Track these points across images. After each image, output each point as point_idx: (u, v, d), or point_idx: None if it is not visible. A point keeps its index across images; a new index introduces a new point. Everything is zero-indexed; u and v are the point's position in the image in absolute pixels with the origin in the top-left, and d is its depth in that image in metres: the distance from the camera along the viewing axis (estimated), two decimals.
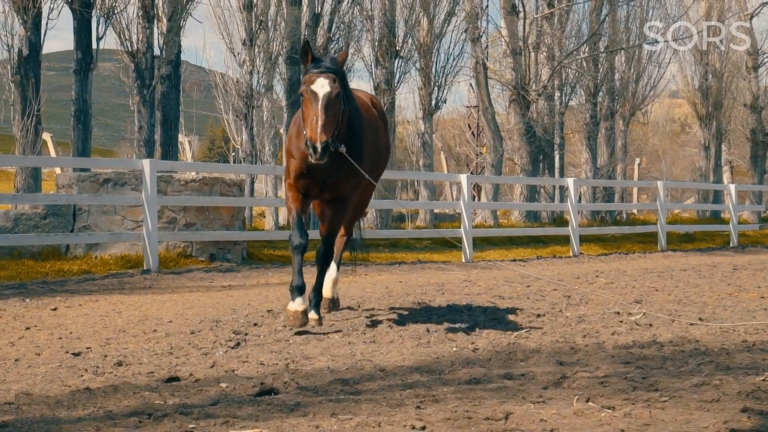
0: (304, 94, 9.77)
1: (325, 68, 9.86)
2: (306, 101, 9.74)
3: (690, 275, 18.49)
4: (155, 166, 18.55)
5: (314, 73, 9.82)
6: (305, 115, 9.72)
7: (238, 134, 33.91)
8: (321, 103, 9.63)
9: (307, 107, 9.71)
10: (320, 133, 9.46)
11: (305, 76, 9.90)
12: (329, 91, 9.72)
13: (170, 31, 27.76)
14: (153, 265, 18.03)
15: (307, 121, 9.63)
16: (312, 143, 9.46)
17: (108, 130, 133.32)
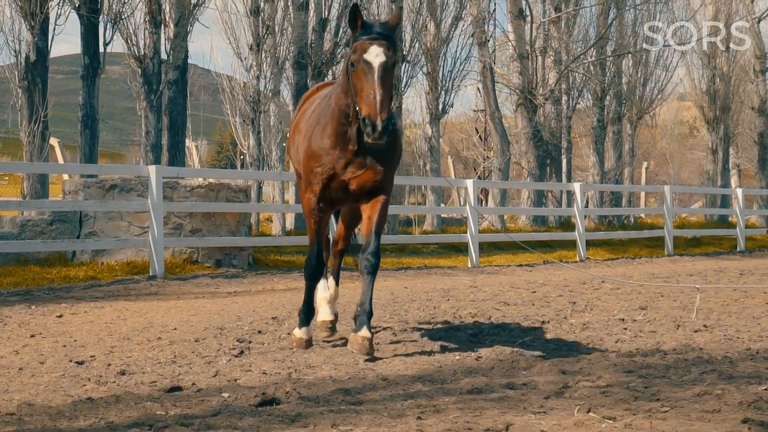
0: (357, 64, 8.63)
1: (377, 34, 8.73)
2: (358, 73, 8.60)
3: (696, 280, 18.46)
4: (161, 173, 18.56)
5: (366, 39, 8.69)
6: (358, 88, 8.60)
7: (245, 139, 33.92)
8: (377, 74, 8.58)
9: (359, 79, 8.59)
10: (380, 110, 8.39)
11: (355, 44, 8.75)
12: (385, 61, 8.65)
13: (177, 36, 27.82)
14: (159, 271, 18.05)
15: (362, 95, 8.53)
16: (371, 120, 8.35)
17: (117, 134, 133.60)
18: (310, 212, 9.54)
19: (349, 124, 8.99)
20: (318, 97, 10.25)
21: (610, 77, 41.46)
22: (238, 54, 33.20)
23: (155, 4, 27.15)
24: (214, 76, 37.26)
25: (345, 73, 8.89)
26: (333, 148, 9.17)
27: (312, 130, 9.51)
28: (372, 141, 8.45)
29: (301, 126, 10.07)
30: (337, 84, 9.32)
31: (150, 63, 27.21)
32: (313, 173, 9.35)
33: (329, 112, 9.25)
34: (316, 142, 9.34)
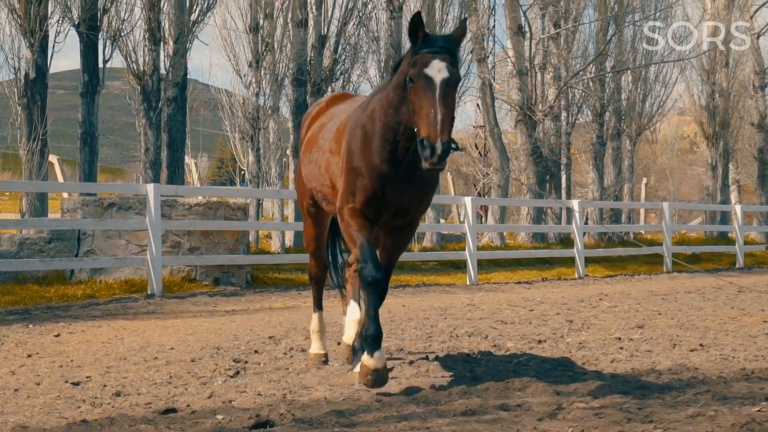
0: (416, 80, 7.82)
1: (439, 48, 7.93)
2: (417, 89, 7.82)
3: (694, 298, 18.49)
4: (159, 191, 18.59)
5: (427, 53, 7.90)
6: (416, 105, 7.80)
7: (244, 155, 33.93)
8: (439, 91, 7.76)
9: (418, 96, 7.79)
10: (441, 131, 7.57)
11: (415, 57, 7.95)
12: (448, 77, 7.83)
13: (176, 54, 27.86)
14: (157, 289, 18.06)
15: (421, 114, 7.73)
16: (431, 143, 7.53)
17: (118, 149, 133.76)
18: (349, 222, 8.56)
19: (396, 142, 8.29)
20: (338, 111, 9.59)
21: (609, 93, 41.47)
22: (237, 71, 33.23)
23: (154, 21, 27.19)
24: (213, 92, 37.32)
25: (396, 88, 8.16)
26: (378, 165, 8.39)
27: (350, 145, 8.64)
28: (429, 166, 7.58)
29: (321, 142, 9.42)
30: (381, 97, 8.46)
31: (149, 80, 27.23)
32: (356, 186, 8.50)
33: (374, 127, 8.41)
34: (358, 156, 8.51)
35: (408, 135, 8.15)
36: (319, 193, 9.50)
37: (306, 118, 10.46)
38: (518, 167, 37.67)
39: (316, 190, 9.58)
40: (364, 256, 8.44)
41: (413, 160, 8.18)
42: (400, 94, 8.12)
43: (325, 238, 10.42)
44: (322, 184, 9.34)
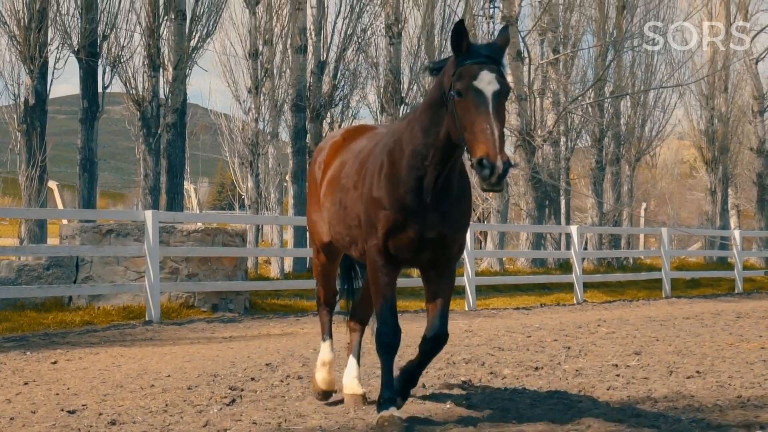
0: (464, 94, 7.20)
1: (486, 58, 7.34)
2: (467, 104, 7.19)
3: (692, 324, 18.47)
4: (157, 218, 18.62)
5: (474, 64, 7.29)
6: (466, 122, 7.17)
7: (243, 181, 34.00)
8: (492, 105, 7.16)
9: (468, 112, 7.16)
10: (501, 148, 6.98)
11: (460, 69, 7.31)
12: (499, 89, 7.23)
13: (176, 80, 27.93)
14: (155, 316, 18.07)
15: (474, 131, 7.10)
16: (490, 162, 6.90)
17: (119, 174, 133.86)
18: (375, 266, 8.00)
19: (424, 168, 7.68)
20: (360, 146, 8.83)
21: (608, 118, 41.55)
22: (236, 97, 33.40)
23: (154, 47, 27.28)
24: (213, 117, 37.42)
25: (430, 107, 7.64)
26: (405, 194, 7.76)
27: (373, 176, 8.02)
28: (488, 187, 6.98)
29: (345, 181, 8.63)
30: (410, 120, 7.94)
31: (149, 106, 27.31)
32: (379, 217, 7.89)
33: (401, 154, 7.82)
34: (384, 185, 7.88)
35: (439, 159, 7.64)
36: (345, 237, 8.68)
37: (319, 153, 9.62)
38: (517, 192, 37.72)
39: (339, 233, 8.79)
40: (385, 316, 8.00)
41: (444, 186, 7.78)
42: (432, 115, 7.61)
43: (336, 271, 9.85)
44: (349, 226, 8.54)
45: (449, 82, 7.37)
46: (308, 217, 9.76)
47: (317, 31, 32.27)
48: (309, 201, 9.78)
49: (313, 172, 9.61)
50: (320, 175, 9.33)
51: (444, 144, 7.57)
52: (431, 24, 33.23)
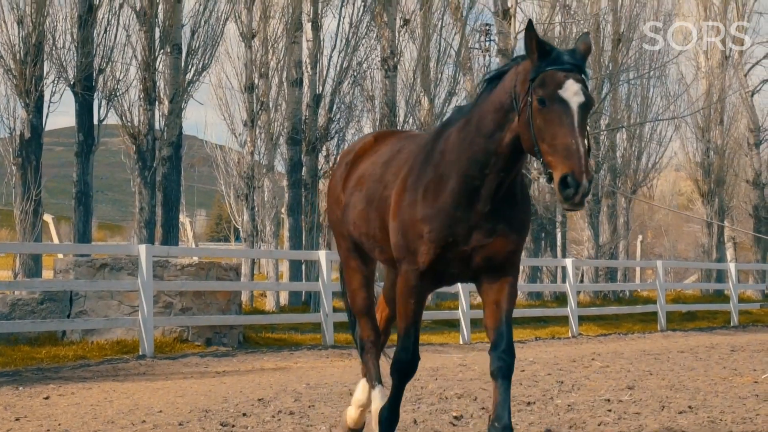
0: (548, 103, 6.70)
1: (571, 65, 6.81)
2: (550, 114, 6.69)
3: (687, 357, 18.49)
4: (151, 252, 18.64)
5: (558, 70, 6.77)
6: (547, 134, 6.68)
7: (239, 214, 34.05)
8: (578, 119, 6.67)
9: (551, 123, 6.67)
10: (586, 166, 6.51)
11: (543, 74, 6.78)
12: (585, 102, 6.74)
13: (171, 113, 28.00)
14: (148, 350, 18.04)
15: (555, 144, 6.62)
16: (576, 180, 6.44)
17: (117, 206, 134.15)
18: (409, 290, 7.47)
19: (483, 177, 7.13)
20: (394, 147, 8.35)
21: (604, 151, 41.60)
22: (232, 130, 33.49)
23: (150, 81, 27.35)
24: (208, 150, 37.51)
25: (497, 110, 7.10)
26: (455, 208, 7.20)
27: (413, 186, 7.46)
28: (569, 206, 6.54)
29: (374, 181, 8.19)
30: (466, 123, 7.37)
31: (144, 139, 27.34)
32: (421, 240, 7.28)
33: (452, 162, 7.28)
34: (427, 200, 7.31)
35: (501, 166, 7.11)
36: (370, 238, 8.25)
37: (347, 155, 9.11)
38: None
39: (364, 234, 8.33)
40: (408, 340, 7.59)
41: (507, 193, 7.27)
42: (498, 119, 7.09)
43: (372, 287, 9.03)
44: (373, 227, 8.12)
45: (525, 85, 6.86)
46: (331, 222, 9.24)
47: (313, 65, 32.36)
48: (333, 207, 9.08)
49: (336, 174, 9.07)
50: (344, 177, 8.79)
51: (509, 151, 7.07)
52: (427, 57, 33.32)
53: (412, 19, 33.43)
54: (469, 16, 35.25)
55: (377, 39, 33.29)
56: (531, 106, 6.74)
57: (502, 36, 35.23)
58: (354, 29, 32.50)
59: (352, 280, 8.89)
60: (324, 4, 32.85)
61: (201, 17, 29.11)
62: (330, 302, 21.49)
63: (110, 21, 26.75)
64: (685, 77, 46.73)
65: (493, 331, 7.41)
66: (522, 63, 7.03)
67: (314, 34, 32.38)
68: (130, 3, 27.35)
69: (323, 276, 21.69)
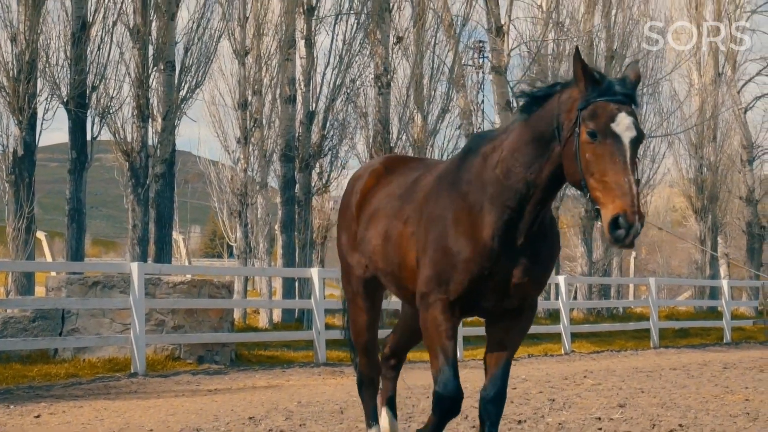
0: (599, 136, 6.39)
1: (623, 96, 6.48)
2: (601, 149, 6.38)
3: (679, 375, 18.51)
4: (143, 270, 18.63)
5: (609, 102, 6.44)
6: (597, 169, 6.36)
7: (232, 231, 34.10)
8: (630, 154, 6.36)
9: (601, 158, 6.35)
10: (639, 206, 6.21)
11: (593, 105, 6.47)
12: (637, 136, 6.41)
13: (164, 130, 27.99)
14: (140, 368, 18.03)
15: (606, 181, 6.30)
16: (628, 221, 6.15)
17: (111, 221, 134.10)
18: (439, 321, 7.08)
19: (521, 209, 6.88)
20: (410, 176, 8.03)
21: None
22: (225, 147, 33.56)
23: (143, 98, 27.36)
24: (201, 167, 37.54)
25: (537, 140, 6.81)
26: (492, 239, 6.91)
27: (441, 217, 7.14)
28: (619, 247, 6.33)
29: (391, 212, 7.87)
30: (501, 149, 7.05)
31: (137, 156, 27.32)
32: (455, 270, 6.97)
33: (478, 191, 7.02)
34: (460, 230, 6.99)
35: (540, 198, 6.88)
36: (387, 275, 7.98)
37: (356, 181, 8.79)
38: None
39: (381, 270, 8.05)
40: (447, 375, 7.05)
41: (539, 226, 7.04)
42: (538, 148, 6.81)
43: (377, 326, 8.82)
44: (392, 264, 7.83)
45: (572, 115, 6.58)
46: (341, 255, 8.85)
47: (306, 82, 32.40)
48: (343, 236, 8.80)
49: (349, 202, 8.75)
50: (357, 206, 8.51)
51: (547, 182, 6.84)
52: (420, 74, 33.34)
53: (405, 37, 33.43)
54: (462, 33, 35.24)
55: (370, 56, 33.32)
56: (579, 137, 6.48)
57: (495, 53, 35.26)
58: (347, 46, 32.55)
59: (358, 318, 8.67)
60: (317, 21, 32.96)
61: (194, 34, 29.18)
62: (322, 319, 21.48)
63: (103, 38, 26.72)
64: (678, 94, 46.88)
65: (490, 373, 7.34)
66: (566, 90, 6.76)
67: (307, 51, 32.43)
68: (124, 20, 27.36)
69: (315, 293, 21.68)
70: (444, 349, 7.05)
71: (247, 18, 32.36)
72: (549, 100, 6.81)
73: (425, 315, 7.17)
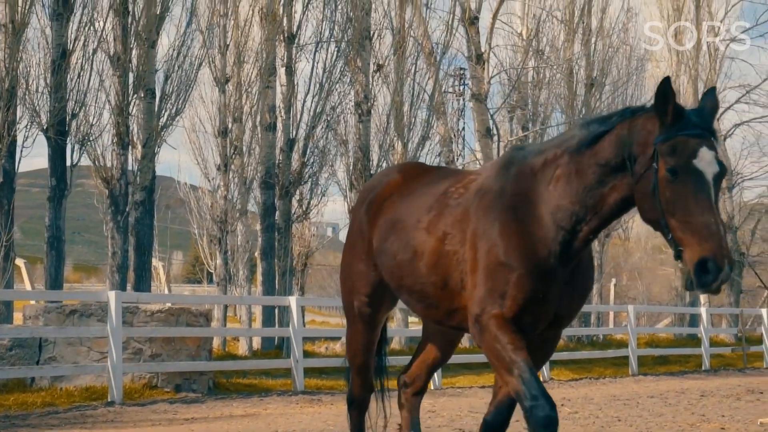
0: (681, 173, 6.02)
1: (704, 130, 6.15)
2: (685, 187, 6.00)
3: (656, 403, 18.54)
4: (120, 298, 18.61)
5: (690, 137, 6.08)
6: (679, 208, 5.99)
7: (212, 258, 34.09)
8: (714, 192, 6.04)
9: (685, 198, 5.98)
10: (727, 249, 5.85)
11: (672, 141, 6.10)
12: (719, 172, 6.08)
13: (144, 158, 28.00)
14: (117, 397, 17.99)
15: (690, 221, 5.92)
16: (717, 265, 5.78)
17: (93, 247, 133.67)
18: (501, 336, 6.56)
19: (575, 232, 6.57)
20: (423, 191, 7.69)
21: None
22: (206, 174, 33.56)
23: (123, 125, 27.37)
24: (182, 195, 37.51)
25: (598, 166, 6.49)
26: (546, 258, 6.59)
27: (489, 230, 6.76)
28: (704, 291, 5.92)
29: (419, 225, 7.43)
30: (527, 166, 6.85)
31: (117, 183, 27.32)
32: (510, 286, 6.57)
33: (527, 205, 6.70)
34: (512, 244, 6.64)
35: (596, 225, 6.58)
36: (414, 293, 7.53)
37: (370, 192, 8.45)
38: None
39: (406, 287, 7.60)
40: (531, 389, 6.36)
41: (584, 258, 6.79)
42: (603, 175, 6.47)
43: (375, 348, 8.65)
44: (423, 281, 7.36)
45: (648, 150, 6.23)
46: (347, 270, 8.45)
47: (287, 109, 32.51)
48: (350, 251, 8.42)
49: (360, 213, 8.36)
50: (372, 215, 8.12)
51: (608, 211, 6.53)
52: (400, 101, 33.44)
53: (385, 64, 33.57)
54: (442, 60, 35.41)
55: (351, 84, 33.46)
56: (657, 174, 6.11)
57: (475, 80, 35.36)
58: (328, 74, 32.72)
59: (355, 340, 8.46)
60: (298, 49, 33.09)
61: (175, 62, 29.25)
62: (300, 348, 21.48)
63: (84, 66, 26.76)
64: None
65: (498, 400, 7.06)
66: (639, 119, 6.41)
67: (288, 78, 32.55)
68: (104, 48, 27.41)
69: (294, 321, 21.67)
70: (518, 365, 6.45)
71: (227, 46, 32.47)
72: (617, 126, 6.49)
73: (484, 336, 6.70)
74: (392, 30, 33.54)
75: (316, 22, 33.31)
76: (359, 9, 32.40)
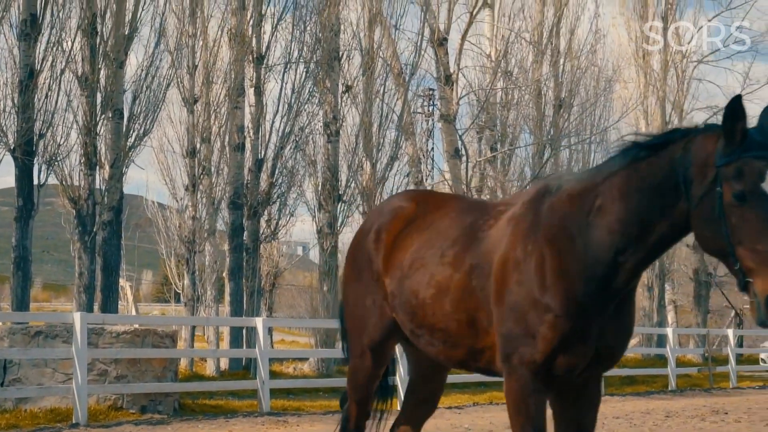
0: (750, 199, 5.54)
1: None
2: (752, 213, 5.52)
3: (621, 424, 18.64)
4: (85, 320, 18.55)
5: (758, 159, 5.59)
6: (748, 236, 5.50)
7: (180, 278, 34.07)
8: None
9: (753, 224, 5.50)
10: None
11: (737, 163, 5.62)
12: None
13: (112, 178, 27.98)
14: (82, 419, 17.92)
15: (763, 251, 5.43)
16: None
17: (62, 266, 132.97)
18: (525, 389, 6.23)
19: (616, 265, 6.05)
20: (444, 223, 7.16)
21: None
22: (173, 194, 33.56)
23: (91, 145, 27.35)
24: (150, 215, 37.49)
25: (643, 191, 5.97)
26: (584, 295, 6.08)
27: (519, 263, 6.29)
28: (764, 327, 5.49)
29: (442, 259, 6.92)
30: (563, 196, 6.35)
31: (84, 204, 27.29)
32: (542, 324, 6.11)
33: (574, 239, 6.16)
34: (546, 279, 6.14)
35: (641, 258, 6.06)
36: (437, 332, 6.97)
37: (377, 219, 7.88)
38: None
39: (427, 327, 7.03)
40: None
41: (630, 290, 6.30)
42: (651, 201, 5.96)
43: (377, 382, 8.13)
44: (445, 320, 6.86)
45: (708, 172, 5.74)
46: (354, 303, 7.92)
47: (255, 129, 32.56)
48: (356, 282, 7.87)
49: (366, 243, 7.79)
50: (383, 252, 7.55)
51: (657, 241, 6.04)
52: (369, 122, 33.57)
53: (354, 85, 33.72)
54: (411, 81, 35.51)
55: (320, 104, 33.58)
56: (721, 198, 5.61)
57: (444, 101, 35.50)
58: (296, 94, 32.81)
59: (359, 375, 7.91)
60: (267, 69, 33.16)
61: (143, 83, 29.24)
62: (267, 369, 21.46)
63: (51, 86, 26.74)
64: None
65: None
66: (696, 139, 5.91)
67: (257, 99, 32.63)
68: (72, 68, 27.40)
69: (260, 342, 21.66)
70: (534, 425, 6.21)
71: (196, 66, 32.53)
72: (666, 148, 5.99)
73: (508, 380, 6.36)
74: (361, 51, 33.70)
75: (285, 42, 33.44)
76: (328, 30, 32.53)
